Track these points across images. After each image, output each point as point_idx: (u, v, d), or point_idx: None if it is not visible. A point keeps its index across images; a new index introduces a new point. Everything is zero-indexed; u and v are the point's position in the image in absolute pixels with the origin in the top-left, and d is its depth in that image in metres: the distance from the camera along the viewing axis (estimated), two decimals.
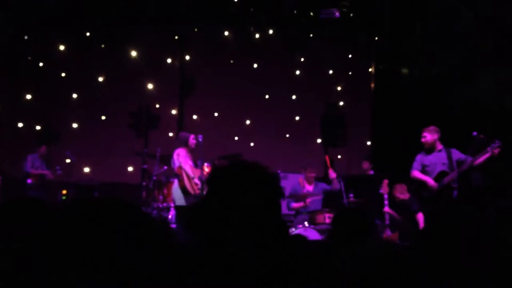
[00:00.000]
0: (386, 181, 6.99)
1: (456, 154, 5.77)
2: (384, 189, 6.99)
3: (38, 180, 8.39)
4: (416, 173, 5.96)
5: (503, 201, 1.09)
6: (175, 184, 6.87)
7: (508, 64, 7.22)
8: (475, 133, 5.65)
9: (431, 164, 5.88)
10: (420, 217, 6.63)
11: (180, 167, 6.70)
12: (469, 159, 5.60)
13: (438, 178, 5.77)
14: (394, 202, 7.10)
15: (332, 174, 7.24)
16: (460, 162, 5.71)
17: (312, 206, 7.11)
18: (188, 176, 6.74)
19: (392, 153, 9.31)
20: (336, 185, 7.20)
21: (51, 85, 9.59)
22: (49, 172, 8.48)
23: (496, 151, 5.41)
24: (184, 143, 6.92)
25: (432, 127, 5.96)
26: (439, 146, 5.90)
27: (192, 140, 6.95)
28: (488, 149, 5.46)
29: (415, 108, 9.01)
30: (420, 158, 6.03)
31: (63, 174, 8.76)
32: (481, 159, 5.52)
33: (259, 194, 1.36)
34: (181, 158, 6.77)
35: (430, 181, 5.77)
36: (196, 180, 6.74)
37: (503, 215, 1.05)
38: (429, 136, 5.91)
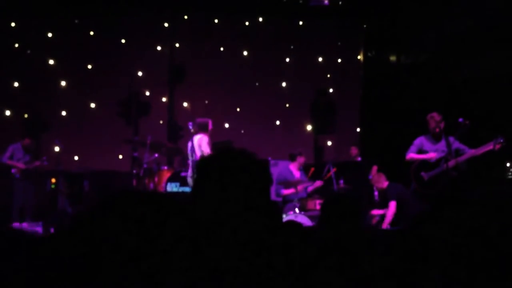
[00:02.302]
0: (375, 167, 7.07)
1: (455, 143, 5.80)
2: (373, 176, 7.08)
3: (23, 170, 8.20)
4: (412, 155, 5.99)
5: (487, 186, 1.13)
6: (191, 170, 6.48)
7: (494, 47, 7.29)
8: (461, 119, 5.72)
9: (431, 151, 5.92)
10: (392, 204, 6.62)
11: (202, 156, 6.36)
12: (471, 151, 5.67)
13: (436, 164, 5.81)
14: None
15: (318, 183, 7.33)
16: (458, 152, 5.77)
17: (301, 193, 7.18)
18: None
19: (381, 140, 9.41)
20: (317, 184, 7.30)
21: (39, 73, 9.49)
22: (25, 165, 8.21)
23: (498, 146, 5.47)
24: (205, 129, 6.61)
25: (440, 115, 5.94)
26: (442, 134, 5.95)
27: (211, 125, 6.68)
28: (491, 143, 5.50)
29: (404, 95, 9.09)
30: (419, 143, 6.03)
31: (52, 163, 8.69)
32: (482, 151, 5.59)
33: (246, 181, 1.37)
34: (206, 147, 6.34)
35: (428, 155, 5.83)
36: None
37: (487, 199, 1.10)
38: (443, 124, 5.90)
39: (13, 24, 9.40)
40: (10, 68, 9.45)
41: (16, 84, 9.48)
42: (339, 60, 10.83)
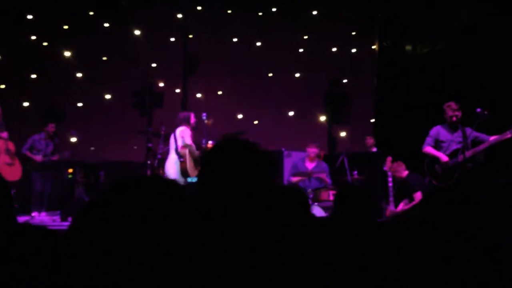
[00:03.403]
0: (389, 158, 7.02)
1: (472, 133, 5.75)
2: (387, 166, 7.03)
3: (39, 163, 8.16)
4: (429, 149, 5.94)
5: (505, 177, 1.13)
6: (172, 161, 6.66)
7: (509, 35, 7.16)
8: (479, 110, 5.67)
9: (447, 141, 5.87)
10: (418, 196, 6.65)
11: (185, 146, 6.55)
12: (489, 138, 5.62)
13: (451, 155, 5.79)
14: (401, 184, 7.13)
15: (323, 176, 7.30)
16: (475, 141, 5.72)
17: (314, 184, 7.17)
18: (193, 157, 6.54)
19: (396, 130, 9.35)
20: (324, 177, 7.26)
21: (55, 65, 9.61)
22: (43, 158, 8.16)
23: None
24: (187, 121, 6.77)
25: (457, 104, 5.88)
26: (459, 124, 5.89)
27: (193, 118, 6.83)
28: (509, 132, 5.45)
29: (419, 85, 9.01)
30: (435, 133, 5.97)
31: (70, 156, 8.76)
32: (499, 140, 5.53)
33: (250, 171, 1.38)
34: (188, 138, 6.58)
35: (443, 157, 5.79)
36: None
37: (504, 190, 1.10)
38: (460, 113, 5.85)
39: (30, 17, 9.51)
40: (27, 60, 9.58)
41: (33, 76, 9.61)
42: (353, 50, 10.75)
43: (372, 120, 10.55)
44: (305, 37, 10.58)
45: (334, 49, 10.69)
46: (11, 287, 1.07)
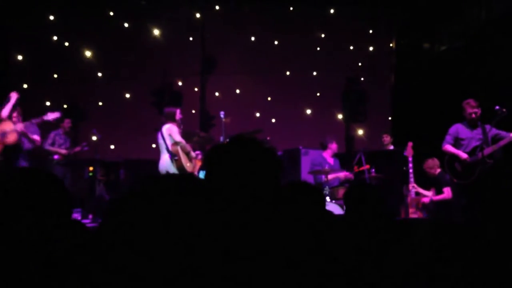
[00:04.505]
0: (410, 144, 7.02)
1: (492, 130, 5.74)
2: (408, 152, 7.02)
3: (64, 157, 8.40)
4: (448, 147, 5.95)
5: None
6: (165, 161, 6.51)
7: None
8: (497, 107, 5.65)
9: (467, 138, 5.87)
10: (448, 190, 6.68)
11: (176, 144, 6.44)
12: (509, 135, 5.61)
13: (471, 153, 5.78)
14: (423, 175, 7.14)
15: (349, 174, 7.32)
16: (495, 138, 5.70)
17: (333, 182, 7.21)
18: (185, 152, 6.46)
19: (413, 128, 9.32)
20: (348, 175, 7.30)
21: (76, 65, 9.78)
22: (67, 151, 8.34)
23: None
24: (172, 118, 6.62)
25: (477, 101, 5.88)
26: (478, 121, 5.89)
27: (179, 114, 6.67)
28: None
29: (436, 83, 8.96)
30: (455, 131, 5.97)
31: (90, 150, 8.94)
32: None
33: (256, 169, 1.39)
34: (176, 135, 6.44)
35: (462, 154, 5.79)
36: (193, 153, 6.55)
37: None
38: (479, 111, 5.84)
39: (51, 18, 9.70)
40: (49, 60, 9.78)
41: (55, 76, 9.81)
42: (371, 48, 10.74)
43: (389, 118, 10.52)
44: (322, 35, 10.60)
45: (351, 47, 10.68)
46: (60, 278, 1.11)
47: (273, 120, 10.42)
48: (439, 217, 6.61)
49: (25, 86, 9.67)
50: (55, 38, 9.76)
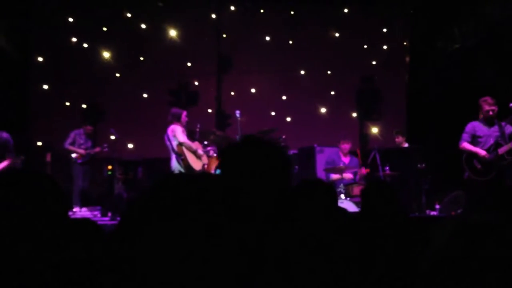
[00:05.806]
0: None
1: (508, 128, 5.78)
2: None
3: (84, 156, 8.56)
4: (466, 145, 5.94)
5: None
6: (174, 161, 6.63)
7: None
8: (511, 105, 5.69)
9: (485, 135, 5.87)
10: None
11: (180, 144, 6.56)
12: None
13: (489, 150, 5.80)
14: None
15: (364, 171, 7.38)
16: None
17: (348, 179, 7.28)
18: (191, 151, 6.56)
19: (427, 127, 9.35)
20: (363, 171, 7.37)
21: (95, 65, 9.96)
22: (86, 152, 8.53)
23: None
24: (177, 119, 6.78)
25: (493, 99, 5.89)
26: (495, 118, 5.90)
27: (184, 117, 6.81)
28: None
29: (451, 82, 8.97)
30: (471, 128, 5.96)
31: (110, 150, 9.09)
32: None
33: (268, 167, 1.41)
34: (180, 135, 6.59)
35: (481, 151, 5.81)
36: (200, 151, 6.66)
37: None
38: (496, 108, 5.84)
39: (70, 20, 9.89)
40: (68, 61, 9.97)
41: (74, 76, 10.01)
42: (385, 47, 10.76)
43: (404, 116, 10.54)
44: (337, 34, 10.65)
45: (365, 46, 10.72)
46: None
47: (288, 119, 10.51)
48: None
49: (45, 87, 9.88)
50: (74, 39, 9.95)
